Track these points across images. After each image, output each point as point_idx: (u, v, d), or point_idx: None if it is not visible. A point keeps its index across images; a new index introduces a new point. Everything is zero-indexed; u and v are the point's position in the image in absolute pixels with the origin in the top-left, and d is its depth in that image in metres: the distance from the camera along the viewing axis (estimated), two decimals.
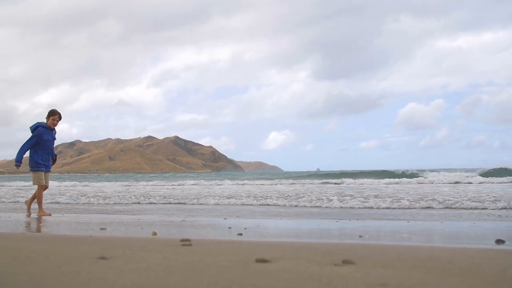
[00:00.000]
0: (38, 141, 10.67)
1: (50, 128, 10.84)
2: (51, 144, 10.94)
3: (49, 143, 10.85)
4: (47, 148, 10.84)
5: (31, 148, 10.69)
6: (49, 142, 10.85)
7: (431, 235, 6.81)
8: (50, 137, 10.86)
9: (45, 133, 10.72)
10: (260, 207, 13.22)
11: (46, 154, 10.86)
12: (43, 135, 10.70)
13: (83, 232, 6.84)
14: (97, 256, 3.26)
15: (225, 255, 3.46)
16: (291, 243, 5.03)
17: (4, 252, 3.54)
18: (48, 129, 10.79)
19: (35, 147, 10.69)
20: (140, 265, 2.92)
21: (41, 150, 10.73)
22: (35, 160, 10.68)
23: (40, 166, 10.73)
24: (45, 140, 10.74)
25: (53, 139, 10.98)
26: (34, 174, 10.75)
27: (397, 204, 12.45)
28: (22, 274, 2.53)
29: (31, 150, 10.72)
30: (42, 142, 10.71)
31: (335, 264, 3.09)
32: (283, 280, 2.50)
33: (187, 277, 2.53)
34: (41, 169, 10.76)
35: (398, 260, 3.38)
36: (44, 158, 10.81)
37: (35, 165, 10.70)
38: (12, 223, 8.53)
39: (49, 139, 10.83)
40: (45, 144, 10.75)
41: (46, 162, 10.87)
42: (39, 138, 10.66)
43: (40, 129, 10.71)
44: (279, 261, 3.19)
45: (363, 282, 2.48)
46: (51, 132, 10.90)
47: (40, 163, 10.72)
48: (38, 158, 10.69)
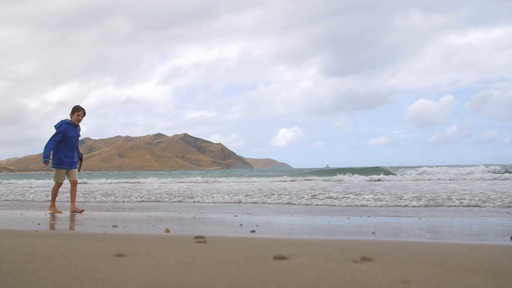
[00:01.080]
0: (63, 138, 10.57)
1: (75, 125, 10.75)
2: (75, 141, 10.85)
3: (73, 140, 10.74)
4: (71, 145, 10.73)
5: (56, 145, 10.55)
6: (74, 138, 10.75)
7: (443, 231, 6.75)
8: (75, 133, 10.77)
9: (69, 130, 10.62)
10: (268, 204, 13.18)
11: (70, 151, 10.75)
12: (68, 132, 10.59)
13: (95, 229, 6.84)
14: (114, 253, 3.23)
15: (241, 252, 3.43)
16: (305, 240, 5.00)
17: (20, 249, 3.53)
18: (72, 125, 10.70)
19: (60, 144, 10.58)
20: (158, 262, 2.89)
21: (65, 147, 10.65)
22: (59, 157, 10.61)
23: (63, 164, 10.67)
24: (70, 137, 10.63)
25: (77, 136, 10.89)
26: (57, 171, 10.73)
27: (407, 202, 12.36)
28: (41, 271, 2.51)
29: (56, 148, 10.60)
30: (67, 139, 10.61)
31: (354, 261, 3.06)
32: (305, 277, 2.47)
33: (208, 274, 2.50)
34: (64, 167, 10.70)
35: (416, 257, 3.34)
36: (68, 155, 10.71)
37: (58, 162, 10.65)
38: (25, 221, 8.54)
39: (74, 136, 10.74)
40: (69, 141, 10.66)
41: (70, 159, 10.77)
42: (64, 134, 10.55)
43: (65, 126, 10.61)
44: (297, 258, 3.16)
45: (385, 279, 2.44)
46: (76, 128, 10.81)
47: (63, 160, 10.65)
48: (61, 155, 10.61)
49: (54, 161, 10.66)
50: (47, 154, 10.46)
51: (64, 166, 10.70)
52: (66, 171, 10.79)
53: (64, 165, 10.69)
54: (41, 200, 16.87)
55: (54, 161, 10.66)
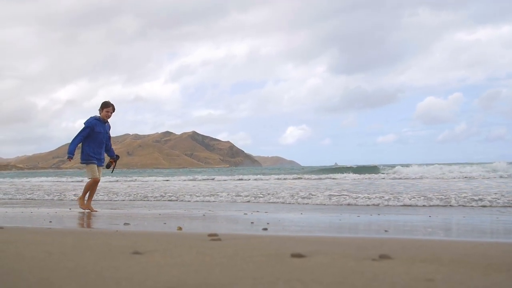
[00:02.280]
0: (90, 134, 10.32)
1: (104, 121, 10.55)
2: (103, 137, 10.56)
3: (101, 136, 10.48)
4: (99, 141, 10.48)
5: (83, 140, 10.37)
6: (101, 134, 10.48)
7: (455, 229, 6.72)
8: (103, 129, 10.53)
9: (97, 125, 10.39)
10: (276, 202, 13.13)
11: (98, 147, 10.49)
12: (95, 127, 10.36)
13: (107, 227, 6.85)
14: (131, 251, 3.22)
15: (257, 250, 3.41)
16: (319, 238, 4.98)
17: (37, 246, 3.52)
18: (101, 121, 10.48)
19: (87, 139, 10.36)
20: (176, 260, 2.87)
21: (93, 143, 10.40)
22: (86, 152, 10.39)
23: (92, 159, 10.41)
24: (97, 132, 10.39)
25: (106, 132, 10.64)
26: (87, 167, 10.45)
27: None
28: (62, 269, 2.50)
29: (83, 143, 10.39)
30: (94, 135, 10.36)
31: (372, 259, 3.03)
32: (326, 275, 2.44)
33: (228, 272, 2.48)
34: (93, 161, 10.44)
35: (434, 255, 3.31)
36: (96, 151, 10.45)
37: (86, 157, 10.41)
38: (36, 218, 8.55)
39: (102, 132, 10.48)
40: (97, 137, 10.40)
41: (98, 155, 10.52)
42: (91, 130, 10.32)
43: (93, 121, 10.39)
44: (315, 256, 3.13)
45: (408, 277, 2.41)
46: (104, 124, 10.59)
47: (91, 155, 10.40)
48: (89, 150, 10.37)
49: (82, 157, 10.44)
50: (72, 149, 10.24)
51: (93, 161, 10.43)
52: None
53: (93, 160, 10.43)
54: (48, 199, 16.90)
55: (82, 157, 10.45)
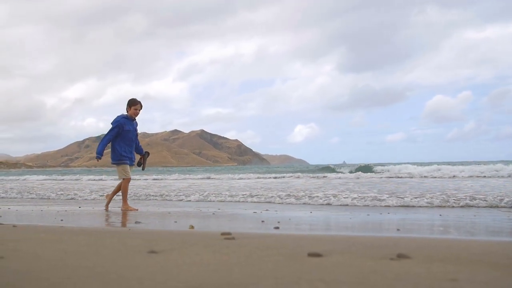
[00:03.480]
0: (120, 132, 10.17)
1: (132, 119, 10.39)
2: (132, 135, 10.40)
3: (130, 134, 10.32)
4: (129, 140, 10.32)
5: (113, 140, 10.22)
6: (131, 133, 10.33)
7: (467, 228, 6.65)
8: (132, 127, 10.38)
9: (126, 124, 10.23)
10: (284, 200, 13.07)
11: (128, 146, 10.33)
12: (124, 126, 10.20)
13: (119, 225, 6.83)
14: (147, 250, 3.20)
15: (274, 249, 3.38)
16: (333, 237, 4.95)
17: (51, 245, 3.51)
18: (129, 119, 10.32)
19: (117, 139, 10.19)
20: (193, 259, 2.85)
21: (123, 142, 10.25)
22: (118, 152, 10.21)
23: (124, 159, 10.24)
24: (127, 131, 10.22)
25: (134, 130, 10.47)
26: (118, 167, 10.27)
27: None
28: (81, 268, 2.48)
29: (113, 143, 10.22)
30: (124, 133, 10.20)
31: (390, 258, 2.99)
32: (347, 275, 2.41)
33: (248, 272, 2.45)
34: (125, 161, 10.27)
35: (451, 254, 3.27)
36: (127, 150, 10.30)
37: (118, 157, 10.24)
38: (47, 216, 8.56)
39: (131, 130, 10.33)
40: (126, 135, 10.24)
41: (129, 154, 10.37)
42: (120, 129, 10.16)
43: (121, 120, 10.23)
44: (331, 255, 3.10)
45: (431, 277, 2.37)
46: (132, 122, 10.43)
47: (123, 155, 10.23)
48: (121, 150, 10.21)
49: (114, 157, 10.25)
50: (100, 150, 10.10)
51: (125, 161, 10.27)
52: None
53: (125, 160, 10.27)
54: (54, 198, 16.93)
55: (113, 158, 10.26)
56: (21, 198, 16.70)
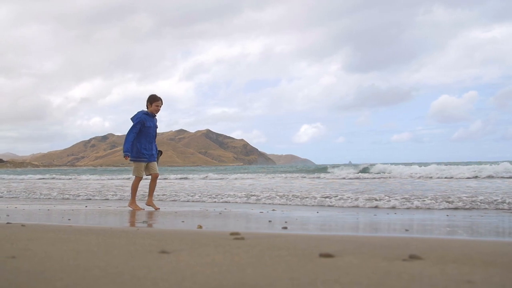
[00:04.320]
0: (141, 129, 10.11)
1: (152, 115, 10.35)
2: (153, 132, 10.36)
3: (151, 130, 10.27)
4: (150, 136, 10.27)
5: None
6: (152, 129, 10.29)
7: (476, 229, 6.61)
8: (152, 124, 10.32)
9: (147, 120, 10.18)
10: (290, 200, 13.04)
11: (149, 142, 10.27)
12: (146, 122, 10.15)
13: (127, 225, 6.82)
14: (158, 250, 3.18)
15: (285, 250, 3.35)
16: (342, 237, 4.92)
17: (62, 244, 3.49)
18: (150, 115, 10.28)
19: (138, 135, 10.13)
20: (205, 259, 2.83)
21: (143, 138, 10.20)
22: (138, 149, 10.17)
23: (143, 156, 10.19)
24: (148, 127, 10.17)
25: (155, 127, 10.42)
26: (135, 164, 10.26)
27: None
28: (95, 268, 2.46)
29: (134, 139, 10.15)
30: (145, 130, 10.16)
31: (403, 259, 2.97)
32: (362, 276, 2.38)
33: (262, 272, 2.43)
34: (143, 159, 10.24)
35: (464, 255, 3.24)
36: (147, 147, 10.24)
37: (136, 155, 10.18)
38: (54, 216, 8.57)
39: (151, 126, 10.28)
40: (147, 132, 10.19)
41: (149, 151, 10.30)
42: (142, 125, 10.11)
43: (142, 116, 10.16)
44: (343, 256, 3.08)
45: (446, 279, 2.35)
46: (153, 119, 10.38)
47: (143, 152, 10.20)
48: (141, 147, 10.17)
49: (133, 154, 10.19)
50: (128, 147, 10.02)
51: (144, 158, 10.25)
52: (146, 164, 10.35)
53: (144, 158, 10.24)
54: (57, 197, 16.96)
55: (132, 154, 10.20)
56: (26, 197, 16.68)
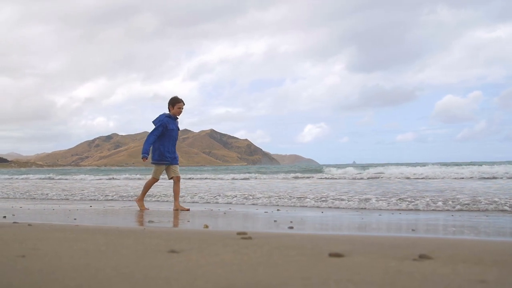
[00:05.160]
0: (163, 132, 10.02)
1: (175, 117, 10.25)
2: (176, 134, 10.26)
3: (174, 133, 10.18)
4: (173, 139, 10.18)
5: (157, 139, 10.04)
6: (174, 132, 10.19)
7: (482, 228, 6.57)
8: (175, 126, 10.23)
9: (170, 123, 10.08)
10: (293, 200, 13.00)
11: (172, 145, 10.18)
12: (168, 125, 10.04)
13: (133, 224, 6.81)
14: (167, 249, 3.17)
15: (293, 249, 3.34)
16: (350, 237, 4.91)
17: (70, 244, 3.48)
18: (172, 118, 10.18)
19: (161, 138, 10.02)
20: (215, 259, 2.82)
21: (167, 141, 10.08)
22: (161, 152, 10.07)
23: (165, 159, 10.06)
24: (171, 130, 10.07)
25: (177, 129, 10.34)
26: (155, 166, 10.17)
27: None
28: (106, 268, 2.45)
29: (157, 142, 10.04)
30: (168, 133, 10.05)
31: (413, 259, 2.95)
32: (375, 275, 2.37)
33: (273, 272, 2.42)
34: (165, 162, 10.10)
35: (473, 255, 3.22)
36: (170, 150, 10.14)
37: (159, 158, 10.10)
38: (60, 215, 8.56)
39: (174, 129, 10.18)
40: (170, 135, 10.09)
41: (172, 154, 10.20)
42: (164, 128, 10.00)
43: (164, 119, 10.06)
44: (353, 256, 3.06)
45: (459, 279, 2.33)
46: (175, 121, 10.29)
47: (166, 156, 10.08)
48: (164, 150, 10.06)
49: (155, 156, 10.10)
50: (146, 149, 9.93)
51: (166, 161, 10.12)
52: (167, 166, 10.23)
53: (166, 161, 10.12)
54: (59, 198, 16.95)
55: (154, 157, 10.11)
56: (30, 197, 16.67)
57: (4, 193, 18.20)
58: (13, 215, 8.24)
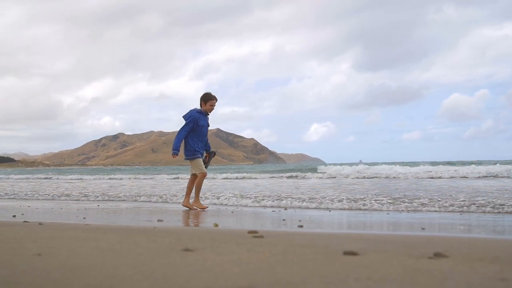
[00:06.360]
0: (194, 127, 9.92)
1: (206, 113, 10.17)
2: (205, 130, 10.18)
3: (204, 129, 10.10)
4: (203, 135, 10.08)
5: (187, 135, 9.92)
6: (205, 128, 10.11)
7: (490, 227, 6.53)
8: (205, 122, 10.12)
9: (201, 118, 10.00)
10: (297, 199, 12.96)
11: (201, 141, 10.07)
12: (199, 121, 9.96)
13: (143, 223, 6.81)
14: (180, 248, 3.16)
15: (307, 248, 3.33)
16: (362, 235, 4.88)
17: (83, 243, 3.48)
18: (203, 114, 10.08)
19: (191, 134, 9.92)
20: (231, 258, 2.80)
21: (196, 137, 9.98)
22: (192, 147, 9.94)
23: (197, 153, 9.98)
24: (201, 126, 9.99)
25: (207, 125, 10.22)
26: (193, 162, 10.00)
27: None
28: (123, 266, 2.44)
29: (187, 138, 9.93)
30: (198, 128, 9.97)
31: (428, 257, 2.93)
32: (394, 273, 2.35)
33: (291, 270, 2.40)
34: (199, 156, 10.01)
35: (489, 253, 3.19)
36: (200, 145, 10.04)
37: (192, 152, 9.96)
38: (69, 214, 8.58)
39: (205, 125, 10.09)
40: (200, 131, 10.00)
41: (201, 150, 10.13)
42: (195, 124, 9.92)
43: (195, 114, 9.97)
44: (367, 254, 3.05)
45: (480, 277, 2.31)
46: (206, 117, 10.19)
47: (197, 150, 9.97)
48: (195, 145, 9.93)
49: (188, 153, 10.00)
50: (177, 145, 9.86)
51: (199, 155, 10.03)
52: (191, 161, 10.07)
53: (199, 155, 10.02)
54: (56, 195, 16.96)
55: (187, 153, 10.01)
56: (37, 197, 16.67)
57: (11, 192, 18.22)
58: (22, 214, 8.26)
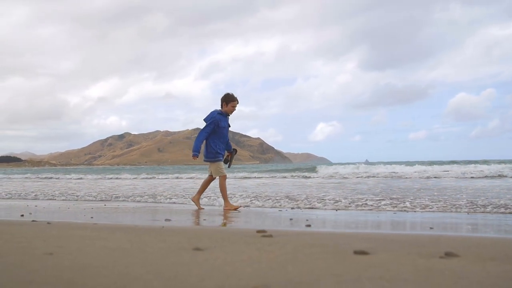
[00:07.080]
0: (215, 129, 9.81)
1: (226, 115, 10.03)
2: (227, 132, 10.06)
3: (225, 131, 9.97)
4: (224, 136, 9.97)
5: (208, 136, 9.85)
6: (226, 129, 9.99)
7: (500, 226, 6.51)
8: (226, 124, 10.01)
9: (221, 120, 9.87)
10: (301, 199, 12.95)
11: (222, 143, 9.97)
12: (220, 122, 9.83)
13: (150, 222, 6.81)
14: (190, 247, 3.16)
15: (317, 247, 3.32)
16: (371, 235, 4.87)
17: (93, 242, 3.48)
18: (224, 115, 9.96)
19: (212, 135, 9.83)
20: (242, 257, 2.79)
21: (218, 139, 9.87)
22: (213, 149, 9.83)
23: (219, 156, 9.86)
24: (222, 127, 9.87)
25: (228, 126, 10.11)
26: (213, 164, 9.89)
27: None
28: (134, 265, 2.44)
29: (208, 139, 9.85)
30: (219, 130, 9.86)
31: (439, 257, 2.91)
32: (406, 273, 2.33)
33: (303, 269, 2.39)
34: (220, 158, 9.89)
35: (500, 253, 3.18)
36: (221, 147, 9.93)
37: (213, 155, 9.85)
38: (76, 214, 8.60)
39: (225, 126, 9.97)
40: (221, 132, 9.89)
41: (222, 151, 10.00)
42: (216, 125, 9.81)
43: (216, 116, 9.84)
44: (378, 253, 3.03)
45: (493, 276, 2.29)
46: (226, 118, 10.05)
47: (219, 152, 9.86)
48: (216, 147, 9.82)
49: (209, 155, 9.89)
50: (197, 147, 9.76)
51: (220, 158, 9.92)
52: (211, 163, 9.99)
53: (220, 157, 9.91)
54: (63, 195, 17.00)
55: (208, 155, 9.90)
56: (44, 196, 16.71)
57: (18, 192, 18.25)
58: (30, 214, 8.29)
